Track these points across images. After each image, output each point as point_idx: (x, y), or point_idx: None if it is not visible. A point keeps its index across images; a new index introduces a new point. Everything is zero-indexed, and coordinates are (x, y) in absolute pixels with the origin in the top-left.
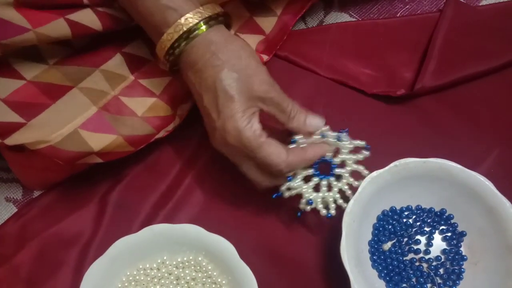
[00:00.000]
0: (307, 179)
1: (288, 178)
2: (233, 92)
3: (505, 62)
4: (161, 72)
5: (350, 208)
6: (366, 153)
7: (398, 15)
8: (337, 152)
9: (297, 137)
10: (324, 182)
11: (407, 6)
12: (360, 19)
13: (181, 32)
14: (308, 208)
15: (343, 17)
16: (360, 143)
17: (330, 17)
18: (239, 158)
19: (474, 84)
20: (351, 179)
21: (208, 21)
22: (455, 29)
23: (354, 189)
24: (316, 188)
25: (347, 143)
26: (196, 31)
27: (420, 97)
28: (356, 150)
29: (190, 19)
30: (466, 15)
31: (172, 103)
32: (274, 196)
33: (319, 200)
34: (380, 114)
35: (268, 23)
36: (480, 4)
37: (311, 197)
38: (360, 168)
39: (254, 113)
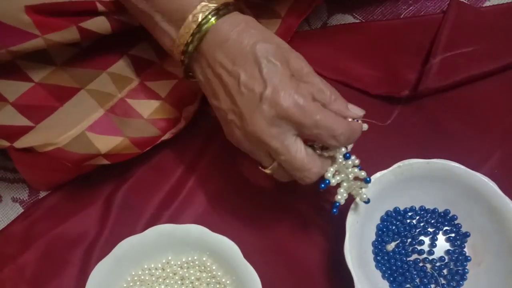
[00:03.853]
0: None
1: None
2: (276, 60)
3: (508, 63)
4: (167, 75)
5: (353, 209)
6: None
7: (401, 17)
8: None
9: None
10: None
11: (411, 8)
12: (363, 21)
13: (212, 7)
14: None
15: (346, 19)
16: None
17: (334, 19)
18: (287, 135)
19: (477, 85)
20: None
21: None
22: (458, 30)
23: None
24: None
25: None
26: (225, 9)
27: (424, 98)
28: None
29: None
30: (470, 16)
31: (177, 105)
32: (322, 186)
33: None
34: (383, 115)
35: (272, 25)
36: (484, 5)
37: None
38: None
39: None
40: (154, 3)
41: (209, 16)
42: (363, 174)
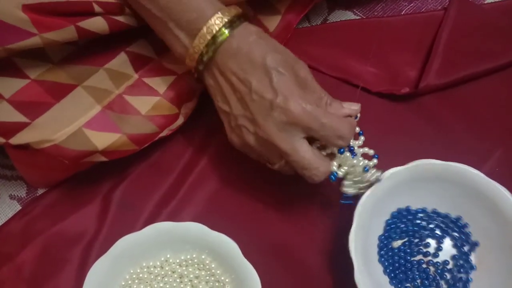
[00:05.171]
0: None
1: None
2: (284, 70)
3: (510, 61)
4: (165, 71)
5: (364, 200)
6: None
7: (402, 13)
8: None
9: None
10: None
11: (412, 4)
12: (364, 17)
13: (226, 20)
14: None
15: (347, 15)
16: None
17: (334, 15)
18: (296, 139)
19: (478, 83)
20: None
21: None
22: (459, 28)
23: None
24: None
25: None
26: (237, 22)
27: (424, 96)
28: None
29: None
30: (471, 13)
31: (176, 102)
32: (333, 179)
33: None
34: (383, 113)
35: (272, 21)
36: (485, 2)
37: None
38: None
39: None
40: (168, 12)
41: (223, 29)
42: (363, 163)
